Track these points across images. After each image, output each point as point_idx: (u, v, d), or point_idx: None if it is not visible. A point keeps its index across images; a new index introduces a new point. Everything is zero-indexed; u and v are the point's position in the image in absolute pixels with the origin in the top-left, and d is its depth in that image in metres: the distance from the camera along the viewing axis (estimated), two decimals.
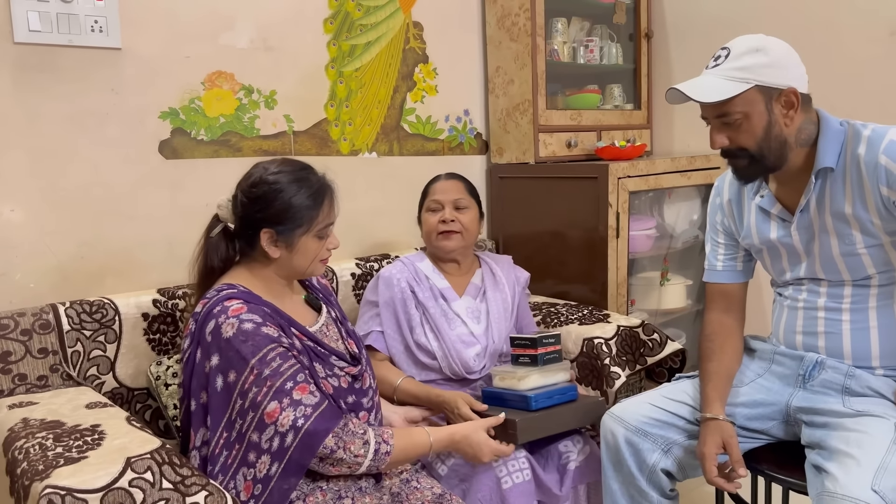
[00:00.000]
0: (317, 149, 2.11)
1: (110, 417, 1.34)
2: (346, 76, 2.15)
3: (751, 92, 1.34)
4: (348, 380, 1.42)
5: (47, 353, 1.54)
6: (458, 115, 2.45)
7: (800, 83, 1.36)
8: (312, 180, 1.40)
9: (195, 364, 1.33)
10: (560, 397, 1.63)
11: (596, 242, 2.21)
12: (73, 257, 1.71)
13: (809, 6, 2.28)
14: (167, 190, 1.84)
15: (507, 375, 1.65)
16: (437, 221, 1.81)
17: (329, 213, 1.41)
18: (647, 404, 1.50)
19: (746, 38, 1.39)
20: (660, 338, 1.94)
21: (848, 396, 1.39)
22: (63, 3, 1.64)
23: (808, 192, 1.41)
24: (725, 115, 1.36)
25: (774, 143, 1.36)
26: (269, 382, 1.25)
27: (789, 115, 1.36)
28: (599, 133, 2.53)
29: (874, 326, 1.40)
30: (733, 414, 1.47)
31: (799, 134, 1.38)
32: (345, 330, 1.52)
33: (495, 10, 2.39)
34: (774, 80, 1.34)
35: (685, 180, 2.41)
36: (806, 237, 1.44)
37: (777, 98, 1.35)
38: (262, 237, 1.36)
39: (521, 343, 1.67)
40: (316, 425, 1.24)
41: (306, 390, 1.27)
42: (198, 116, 1.87)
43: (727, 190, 1.60)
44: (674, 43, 2.68)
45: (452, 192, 1.84)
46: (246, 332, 1.28)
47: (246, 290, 1.36)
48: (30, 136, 1.64)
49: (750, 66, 1.34)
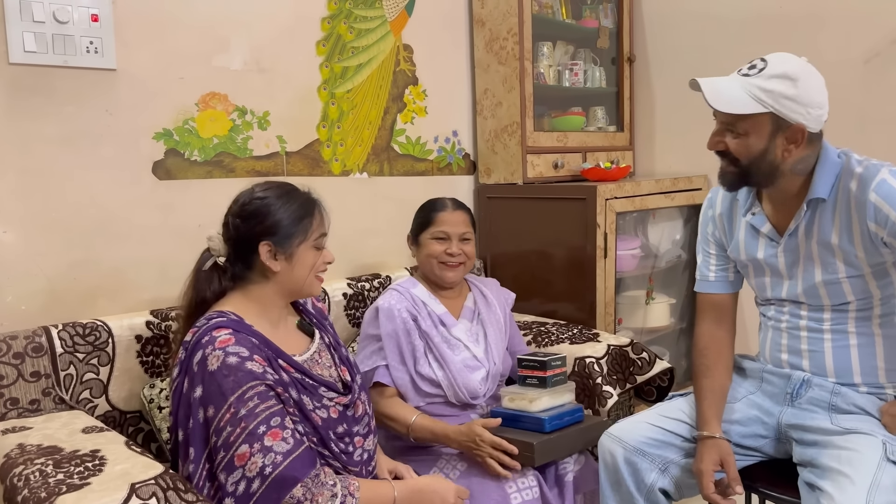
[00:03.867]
0: (309, 169, 2.12)
1: (109, 442, 1.32)
2: (337, 97, 2.17)
3: (763, 116, 1.35)
4: (339, 409, 1.41)
5: (40, 377, 1.52)
6: (447, 136, 2.48)
7: (813, 124, 1.37)
8: (299, 194, 1.44)
9: (182, 393, 1.31)
10: (570, 419, 1.65)
11: (584, 262, 2.25)
12: (66, 279, 1.69)
13: (786, 35, 2.37)
14: (160, 211, 1.83)
15: (517, 397, 1.65)
16: (442, 251, 1.80)
17: (321, 223, 1.43)
18: (645, 424, 1.53)
19: (787, 59, 1.38)
20: (648, 356, 1.98)
21: (835, 413, 1.43)
22: (58, 24, 1.63)
23: (799, 217, 1.44)
24: (732, 125, 1.39)
25: (765, 167, 1.39)
26: (244, 424, 1.23)
27: (789, 149, 1.38)
28: (585, 154, 2.58)
29: (854, 345, 1.44)
30: (728, 431, 1.50)
31: (796, 164, 1.41)
32: (338, 356, 1.51)
33: (483, 33, 2.43)
34: (789, 114, 1.34)
35: (669, 201, 2.47)
36: (790, 260, 1.48)
37: (784, 130, 1.36)
38: (262, 251, 1.36)
39: (529, 364, 1.68)
40: (284, 473, 1.22)
41: (279, 436, 1.24)
42: (191, 137, 1.87)
43: (720, 203, 1.62)
44: (655, 67, 2.76)
45: (460, 224, 1.83)
46: (230, 366, 1.26)
47: (237, 317, 1.35)
48: (23, 157, 1.62)
49: (774, 92, 1.34)
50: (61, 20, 1.63)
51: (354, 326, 2.07)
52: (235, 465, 1.22)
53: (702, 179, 2.60)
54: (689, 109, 2.64)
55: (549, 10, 2.56)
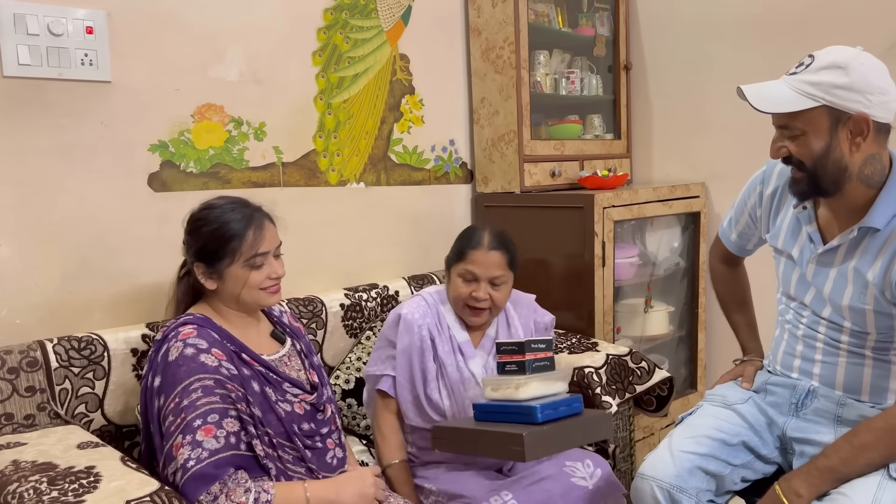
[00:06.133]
0: (305, 180, 2.12)
1: (104, 458, 1.31)
2: (334, 107, 2.16)
3: (817, 111, 1.26)
4: (305, 407, 1.46)
5: (35, 392, 1.51)
6: (444, 145, 2.47)
7: (879, 111, 1.26)
8: (239, 212, 1.44)
9: (146, 387, 1.38)
10: (566, 409, 1.46)
11: (582, 271, 2.24)
12: (61, 292, 1.68)
13: (782, 42, 2.37)
14: (155, 223, 1.82)
15: (501, 384, 1.47)
16: (468, 293, 1.65)
17: (255, 243, 1.43)
18: (680, 453, 1.43)
19: (837, 49, 1.29)
20: (648, 366, 1.97)
21: (840, 426, 1.40)
22: (53, 37, 1.63)
23: (845, 237, 1.36)
24: (786, 126, 1.31)
25: (832, 168, 1.29)
26: (183, 415, 1.28)
27: (856, 143, 1.27)
28: (582, 162, 2.58)
29: (869, 365, 1.40)
30: (739, 434, 1.46)
31: (863, 167, 1.30)
32: (309, 362, 1.56)
33: (480, 42, 2.43)
34: (846, 104, 1.25)
35: (667, 209, 2.47)
36: (822, 272, 1.41)
37: (845, 122, 1.26)
38: (196, 270, 1.44)
39: (507, 349, 1.50)
40: (203, 470, 1.24)
41: (211, 433, 1.27)
42: (187, 149, 1.87)
43: (774, 180, 1.52)
44: (651, 74, 2.76)
45: (493, 267, 1.64)
46: (185, 356, 1.33)
47: (203, 316, 1.43)
48: (18, 170, 1.62)
49: (823, 84, 1.25)
50: (56, 32, 1.63)
51: (352, 337, 2.05)
52: (172, 454, 1.27)
53: (699, 187, 2.60)
54: (687, 117, 2.66)
55: (545, 18, 2.56)
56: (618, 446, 1.94)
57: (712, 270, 1.79)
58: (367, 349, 2.00)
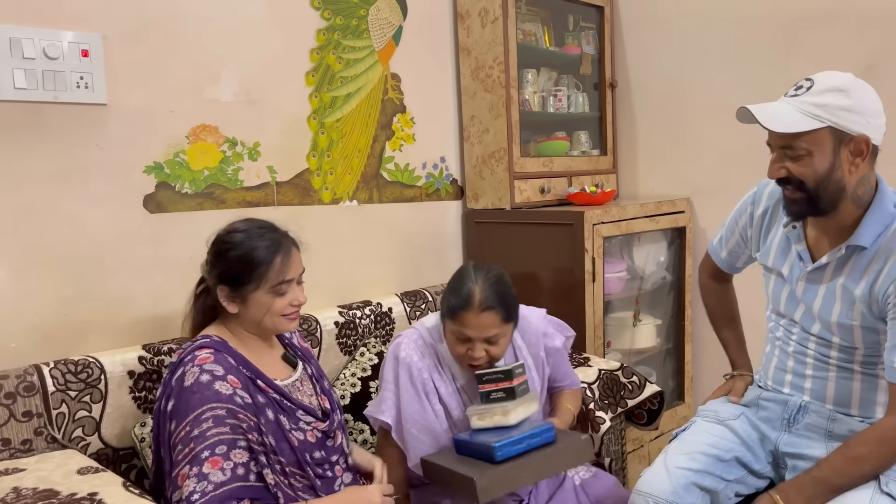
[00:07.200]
0: (299, 198, 2.13)
1: (105, 484, 1.31)
2: (327, 127, 2.18)
3: (822, 131, 1.31)
4: (317, 434, 1.45)
5: (32, 416, 1.50)
6: (435, 163, 2.50)
7: (875, 133, 1.33)
8: (267, 238, 1.44)
9: (160, 411, 1.37)
10: (535, 441, 1.43)
11: (573, 286, 2.28)
12: (56, 315, 1.68)
13: (763, 62, 2.43)
14: (151, 244, 1.82)
15: (487, 413, 1.47)
16: (464, 351, 1.55)
17: (282, 270, 1.42)
18: (675, 469, 1.46)
19: (834, 74, 1.34)
20: (639, 380, 2.00)
21: (831, 441, 1.44)
22: (49, 60, 1.63)
23: (833, 255, 1.40)
24: (791, 147, 1.34)
25: (832, 187, 1.34)
26: (192, 445, 1.27)
27: (855, 163, 1.33)
28: (570, 178, 2.62)
29: (858, 379, 1.44)
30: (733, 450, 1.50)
31: (857, 188, 1.35)
32: (320, 387, 1.55)
33: (469, 62, 2.47)
34: (849, 125, 1.30)
35: (654, 224, 2.51)
36: (811, 291, 1.45)
37: (847, 143, 1.32)
38: (219, 293, 1.43)
39: (492, 378, 1.49)
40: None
41: (218, 465, 1.26)
42: (182, 170, 1.87)
43: (765, 200, 1.57)
44: (636, 92, 2.81)
45: (486, 329, 1.51)
46: (200, 383, 1.31)
47: (221, 339, 1.41)
48: (13, 194, 1.61)
49: (828, 105, 1.30)
50: (52, 56, 1.63)
51: (346, 355, 2.07)
52: (178, 484, 1.26)
53: (685, 202, 2.65)
54: (670, 133, 2.72)
55: (532, 37, 2.60)
56: (612, 459, 1.97)
57: (702, 286, 1.83)
58: (362, 365, 2.02)
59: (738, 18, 2.48)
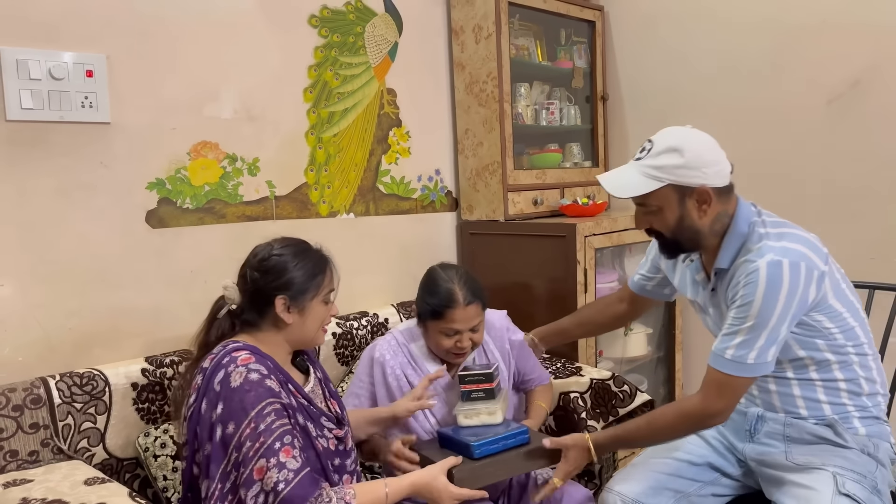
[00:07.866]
0: (297, 212, 2.18)
1: (113, 494, 1.35)
2: (325, 141, 2.23)
3: (664, 189, 1.42)
4: (335, 442, 1.48)
5: (38, 428, 1.54)
6: (430, 175, 2.55)
7: (715, 180, 1.43)
8: (313, 252, 1.51)
9: (200, 416, 1.36)
10: (510, 441, 1.56)
11: (565, 296, 2.33)
12: (61, 329, 1.72)
13: (751, 76, 2.50)
14: (153, 258, 1.87)
15: (473, 412, 1.61)
16: (452, 344, 1.69)
17: (331, 279, 1.51)
18: (646, 471, 1.57)
19: (669, 133, 1.45)
20: (629, 389, 2.05)
21: (790, 444, 1.51)
22: (54, 81, 1.68)
23: (714, 280, 1.53)
24: (644, 204, 1.48)
25: (687, 233, 1.46)
26: (262, 439, 1.30)
27: (703, 210, 1.44)
28: (562, 190, 2.68)
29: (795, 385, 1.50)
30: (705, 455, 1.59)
31: (713, 225, 1.47)
32: (328, 390, 1.59)
33: (464, 77, 2.52)
34: (687, 181, 1.41)
35: (643, 235, 2.55)
36: (716, 312, 1.55)
37: (690, 195, 1.43)
38: (277, 304, 1.44)
39: (474, 379, 1.63)
40: (294, 492, 1.28)
41: (290, 453, 1.31)
42: (183, 186, 1.92)
43: None
44: (627, 105, 2.87)
45: (471, 320, 1.67)
46: (252, 381, 1.33)
47: (251, 345, 1.43)
48: (20, 210, 1.66)
49: (664, 166, 1.41)
50: (57, 77, 1.68)
51: (343, 365, 2.11)
52: (254, 478, 1.28)
53: None
54: None
55: (525, 52, 2.66)
56: (603, 466, 2.02)
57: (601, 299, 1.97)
58: None
59: (728, 33, 2.54)
